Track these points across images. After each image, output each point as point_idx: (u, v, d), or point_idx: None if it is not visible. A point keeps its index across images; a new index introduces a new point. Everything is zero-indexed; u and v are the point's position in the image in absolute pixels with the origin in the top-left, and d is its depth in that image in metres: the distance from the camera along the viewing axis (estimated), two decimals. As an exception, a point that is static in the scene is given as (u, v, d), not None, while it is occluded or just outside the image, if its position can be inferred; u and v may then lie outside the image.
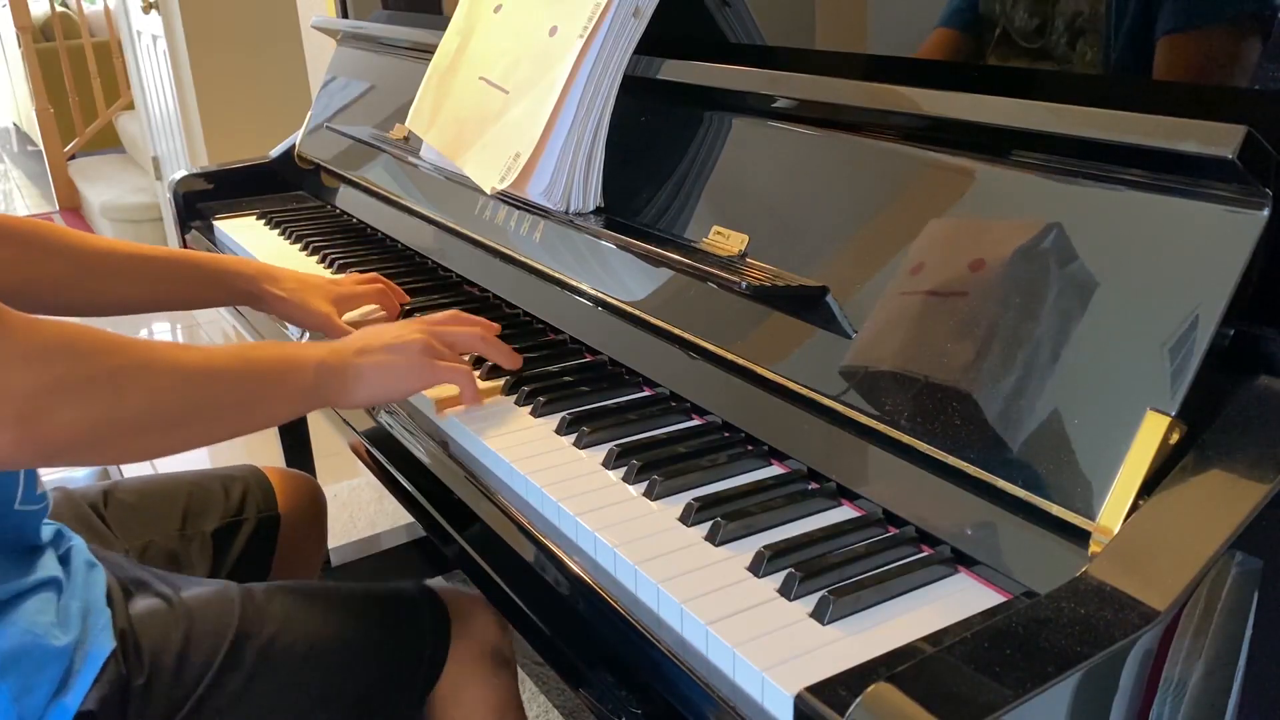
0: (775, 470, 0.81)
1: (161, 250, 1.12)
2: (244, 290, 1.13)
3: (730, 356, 0.85)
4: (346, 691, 0.93)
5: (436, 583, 1.05)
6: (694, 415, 0.90)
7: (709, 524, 0.72)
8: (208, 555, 1.14)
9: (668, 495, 0.77)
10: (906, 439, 0.71)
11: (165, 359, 0.77)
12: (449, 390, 0.94)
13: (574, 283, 1.04)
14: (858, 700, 0.47)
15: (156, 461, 2.65)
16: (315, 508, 1.30)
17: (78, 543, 0.92)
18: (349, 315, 1.16)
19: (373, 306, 1.18)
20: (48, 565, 0.86)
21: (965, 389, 0.69)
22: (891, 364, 0.74)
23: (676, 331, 0.91)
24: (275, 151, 1.74)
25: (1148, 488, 0.59)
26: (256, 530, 1.19)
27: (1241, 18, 0.65)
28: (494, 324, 1.01)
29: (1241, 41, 0.65)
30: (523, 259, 1.12)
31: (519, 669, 1.68)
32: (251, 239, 1.50)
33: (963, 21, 0.82)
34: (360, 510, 2.33)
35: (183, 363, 0.78)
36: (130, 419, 0.74)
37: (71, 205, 5.13)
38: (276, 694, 0.90)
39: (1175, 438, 0.59)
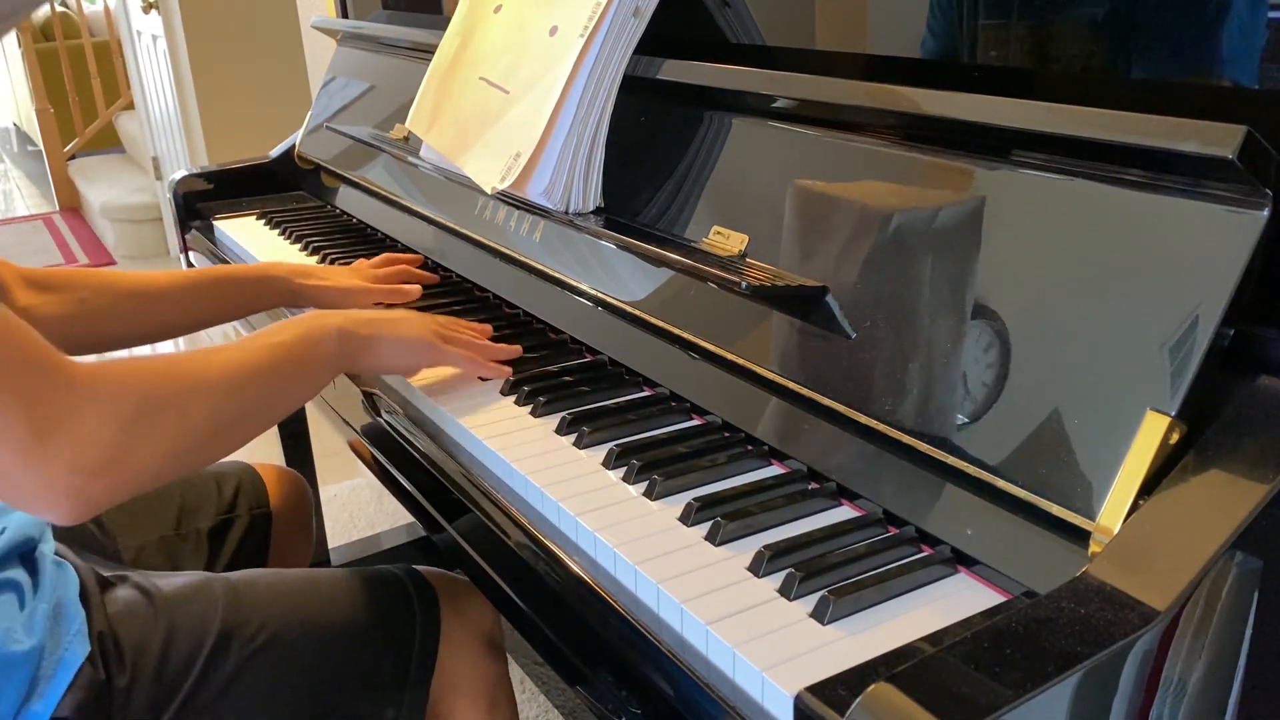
0: (775, 470, 0.81)
1: (197, 271, 1.16)
2: (282, 291, 1.16)
3: (730, 356, 0.85)
4: (337, 678, 0.93)
5: (425, 568, 1.04)
6: (694, 415, 0.90)
7: (709, 524, 0.72)
8: (203, 554, 1.14)
9: (668, 495, 0.77)
10: (906, 439, 0.71)
11: (213, 368, 0.80)
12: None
13: (574, 283, 1.04)
14: (858, 700, 0.47)
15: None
16: (304, 506, 1.30)
17: (46, 544, 0.90)
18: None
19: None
20: (6, 569, 0.85)
21: (965, 389, 0.69)
22: (891, 364, 0.74)
23: (676, 331, 0.91)
24: (275, 151, 1.73)
25: (1148, 488, 0.59)
26: (250, 528, 1.19)
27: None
28: (488, 330, 1.05)
29: None
30: (523, 259, 1.12)
31: (519, 668, 1.69)
32: (251, 239, 1.50)
33: (930, 51, 0.83)
34: (360, 510, 2.33)
35: (227, 367, 0.81)
36: (199, 434, 0.77)
37: (71, 205, 5.13)
38: (266, 684, 0.89)
39: (1175, 438, 0.59)
